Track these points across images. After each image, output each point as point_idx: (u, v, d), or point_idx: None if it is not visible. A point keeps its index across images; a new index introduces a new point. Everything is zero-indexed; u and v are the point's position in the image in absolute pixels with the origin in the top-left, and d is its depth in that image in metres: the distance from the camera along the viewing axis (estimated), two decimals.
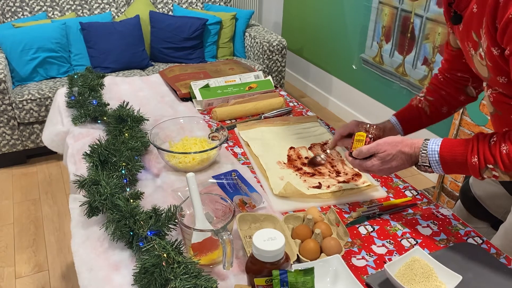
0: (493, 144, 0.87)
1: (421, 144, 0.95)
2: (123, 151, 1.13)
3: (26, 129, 2.69)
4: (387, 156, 0.97)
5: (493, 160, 0.86)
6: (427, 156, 0.94)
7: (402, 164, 0.98)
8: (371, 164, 0.99)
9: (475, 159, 0.88)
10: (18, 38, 2.73)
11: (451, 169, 0.93)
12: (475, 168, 0.89)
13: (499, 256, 0.94)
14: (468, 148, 0.90)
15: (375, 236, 0.99)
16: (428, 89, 1.20)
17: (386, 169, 0.99)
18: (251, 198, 1.06)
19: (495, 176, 0.88)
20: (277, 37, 3.16)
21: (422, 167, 0.96)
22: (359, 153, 1.01)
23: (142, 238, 0.87)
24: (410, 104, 1.22)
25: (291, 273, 0.73)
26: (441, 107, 1.18)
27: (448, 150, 0.92)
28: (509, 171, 0.86)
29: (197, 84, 1.59)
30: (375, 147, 0.99)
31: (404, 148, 0.96)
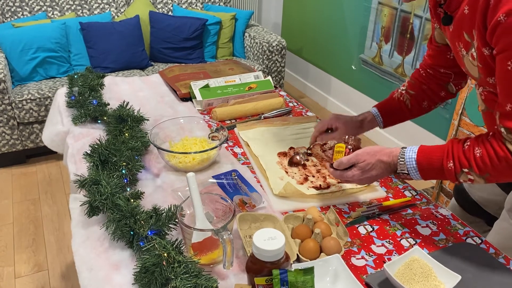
0: (467, 148, 0.89)
1: (399, 152, 0.97)
2: (124, 151, 1.13)
3: (25, 129, 2.69)
4: (367, 166, 1.00)
5: (468, 164, 0.88)
6: (405, 163, 0.96)
7: (382, 172, 1.00)
8: (351, 174, 1.01)
9: (450, 164, 0.90)
10: (17, 38, 2.73)
11: (429, 175, 0.95)
12: (451, 173, 0.91)
13: (497, 256, 0.94)
14: (443, 154, 0.92)
15: (374, 236, 0.99)
16: (410, 83, 1.22)
17: (366, 178, 1.01)
18: (251, 198, 1.06)
19: (470, 179, 0.90)
20: (276, 38, 3.16)
21: (401, 174, 0.99)
22: (340, 164, 1.03)
23: (143, 237, 0.88)
24: (391, 96, 1.24)
25: (291, 273, 0.74)
26: (422, 102, 1.20)
27: (424, 157, 0.94)
28: (483, 174, 0.88)
29: (197, 84, 1.59)
30: (354, 157, 1.01)
31: (382, 157, 0.99)
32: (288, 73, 4.11)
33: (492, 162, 0.86)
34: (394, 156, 0.98)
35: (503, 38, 0.78)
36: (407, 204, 1.10)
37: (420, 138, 2.76)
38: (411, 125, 2.82)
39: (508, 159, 0.85)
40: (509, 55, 0.79)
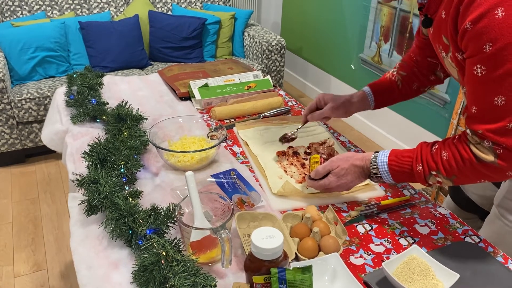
0: (434, 151, 0.92)
1: (371, 156, 1.00)
2: (122, 150, 1.13)
3: (25, 128, 2.69)
4: (341, 171, 1.02)
5: (436, 167, 0.91)
6: (378, 167, 0.99)
7: (357, 177, 1.03)
8: (328, 181, 1.04)
9: (419, 167, 0.93)
10: (17, 37, 2.72)
11: (400, 178, 0.98)
12: (421, 175, 0.93)
13: (496, 254, 0.95)
14: (413, 157, 0.95)
15: (373, 235, 0.99)
16: (401, 64, 1.25)
17: (343, 184, 1.03)
18: (250, 197, 1.06)
19: (438, 181, 0.93)
20: (276, 37, 3.16)
21: (374, 178, 1.01)
22: (316, 173, 1.06)
23: (141, 236, 0.88)
24: (384, 77, 1.27)
25: (289, 271, 0.74)
26: (412, 83, 1.23)
27: (395, 160, 0.97)
28: (450, 176, 0.90)
29: (196, 83, 1.59)
30: (329, 164, 1.04)
31: (355, 162, 1.02)
32: (287, 72, 4.11)
33: (457, 164, 0.88)
34: (367, 160, 1.01)
35: (470, 44, 0.81)
36: (406, 203, 1.10)
37: (419, 137, 2.76)
38: (410, 124, 2.83)
39: (472, 161, 0.87)
40: (475, 61, 0.82)
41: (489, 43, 0.78)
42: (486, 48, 0.78)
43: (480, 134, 0.85)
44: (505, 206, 1.09)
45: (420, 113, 2.74)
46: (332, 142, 1.29)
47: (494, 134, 0.83)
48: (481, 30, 0.78)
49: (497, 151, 0.84)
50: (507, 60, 0.77)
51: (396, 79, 1.24)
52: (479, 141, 0.86)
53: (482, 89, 0.83)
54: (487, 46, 0.78)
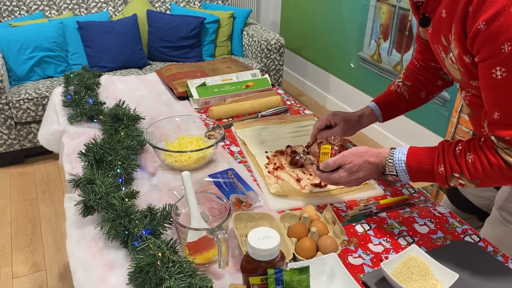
0: (458, 153, 0.88)
1: (387, 153, 0.95)
2: (119, 150, 1.12)
3: (23, 129, 2.68)
4: (354, 167, 0.97)
5: (459, 169, 0.87)
6: (394, 165, 0.94)
7: (369, 174, 0.98)
8: (338, 176, 0.99)
9: (441, 168, 0.89)
10: (15, 38, 2.72)
11: (418, 178, 0.93)
12: (442, 177, 0.89)
13: (496, 254, 0.94)
14: (434, 157, 0.90)
15: (371, 235, 0.98)
16: (406, 74, 1.21)
17: (353, 180, 0.99)
18: (248, 196, 1.05)
19: (461, 184, 0.89)
20: (275, 36, 3.15)
21: (389, 176, 0.96)
22: (326, 166, 1.00)
23: (137, 237, 0.87)
24: (389, 89, 1.22)
25: (286, 272, 0.73)
26: (420, 92, 1.18)
27: (414, 159, 0.92)
28: (474, 179, 0.86)
29: (194, 82, 1.58)
30: (341, 159, 0.98)
31: (370, 158, 0.97)
32: (286, 71, 4.10)
33: (484, 168, 0.85)
34: (382, 157, 0.96)
35: (485, 46, 0.77)
36: (405, 202, 1.09)
37: (419, 136, 2.76)
38: (410, 123, 2.82)
39: (501, 166, 0.83)
40: (492, 63, 0.77)
41: (507, 43, 0.73)
42: (504, 48, 0.74)
43: (508, 140, 0.81)
44: (506, 209, 1.08)
45: (420, 112, 2.73)
46: None
47: None
48: (497, 29, 0.73)
49: None
50: None
51: (401, 90, 1.20)
52: (507, 146, 0.82)
53: (504, 92, 0.78)
54: (506, 46, 0.74)
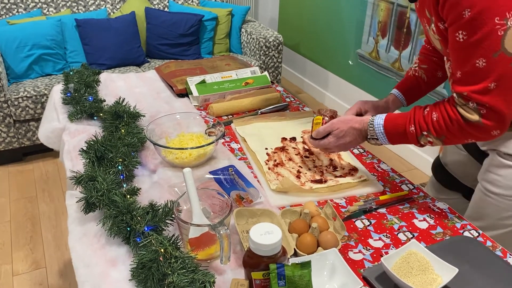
0: (426, 113, 0.99)
1: (369, 119, 1.07)
2: (120, 147, 1.13)
3: (22, 127, 2.68)
4: (341, 133, 1.09)
5: (426, 127, 0.98)
6: (374, 129, 1.05)
7: (355, 139, 1.09)
8: (328, 141, 1.11)
9: (412, 128, 1.00)
10: (13, 35, 2.71)
11: (395, 139, 1.05)
12: (413, 136, 1.00)
13: (494, 248, 0.95)
14: (406, 119, 1.01)
15: (371, 230, 0.99)
16: (420, 58, 1.29)
17: (341, 144, 1.10)
18: (248, 193, 1.06)
19: (430, 141, 1.00)
20: (273, 33, 3.15)
21: (371, 140, 1.08)
22: (317, 133, 1.13)
23: (139, 233, 0.87)
24: (407, 75, 1.31)
25: (288, 267, 0.74)
26: (436, 72, 1.26)
27: (390, 122, 1.04)
28: (440, 136, 0.97)
29: (193, 80, 1.59)
30: (330, 126, 1.11)
31: (354, 124, 1.09)
32: (285, 68, 4.11)
33: (446, 125, 0.95)
34: (365, 123, 1.07)
35: (451, 12, 0.87)
36: (404, 198, 1.10)
37: None
38: None
39: (459, 122, 0.93)
40: (456, 27, 0.88)
41: (467, 9, 0.84)
42: (465, 13, 0.85)
43: (465, 96, 0.91)
44: (486, 179, 1.11)
45: None
46: None
47: (477, 95, 0.90)
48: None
49: (481, 111, 0.90)
50: (485, 23, 0.84)
51: (419, 74, 1.27)
52: (465, 102, 0.92)
53: (464, 53, 0.89)
54: (466, 12, 0.84)
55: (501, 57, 0.85)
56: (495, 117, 0.90)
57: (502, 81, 0.87)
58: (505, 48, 0.85)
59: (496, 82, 0.87)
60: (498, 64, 0.86)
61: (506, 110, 0.90)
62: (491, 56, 0.86)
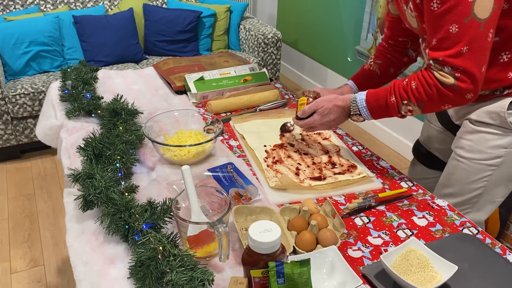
0: (405, 83, 1.05)
1: (351, 96, 1.14)
2: (118, 145, 1.12)
3: (19, 124, 2.67)
4: (325, 111, 1.15)
5: (406, 96, 1.04)
6: (357, 104, 1.11)
7: (339, 116, 1.15)
8: (313, 119, 1.17)
9: (393, 99, 1.06)
10: (10, 32, 2.70)
11: (377, 113, 1.11)
12: (394, 106, 1.07)
13: (494, 246, 0.94)
14: (387, 91, 1.08)
15: (371, 227, 0.99)
16: (376, 54, 1.38)
17: (326, 122, 1.16)
18: (247, 190, 1.05)
19: (410, 110, 1.06)
20: (272, 30, 3.14)
21: (354, 116, 1.14)
22: (303, 113, 1.18)
23: (138, 231, 0.87)
24: (363, 68, 1.40)
25: (287, 265, 0.73)
26: (389, 68, 1.36)
27: (372, 96, 1.10)
28: (419, 103, 1.03)
29: (192, 76, 1.58)
30: (314, 105, 1.17)
31: (338, 102, 1.15)
32: (283, 65, 4.10)
33: (425, 90, 1.02)
34: (348, 100, 1.13)
35: None
36: (404, 195, 1.10)
37: (415, 128, 2.76)
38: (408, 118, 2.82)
39: (437, 86, 1.00)
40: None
41: None
42: None
43: (441, 61, 0.98)
44: (458, 145, 1.19)
45: None
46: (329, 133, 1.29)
47: (452, 58, 0.96)
48: None
49: (456, 74, 0.97)
50: None
51: (374, 68, 1.37)
52: (440, 67, 0.99)
53: (438, 21, 0.95)
54: None
55: (471, 22, 0.92)
56: (469, 79, 0.97)
57: (473, 45, 0.94)
58: (475, 14, 0.91)
59: (468, 46, 0.94)
60: (469, 28, 0.93)
61: (478, 73, 0.97)
62: (463, 21, 0.92)
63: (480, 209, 1.20)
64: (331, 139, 1.33)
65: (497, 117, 1.09)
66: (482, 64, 0.97)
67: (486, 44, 0.95)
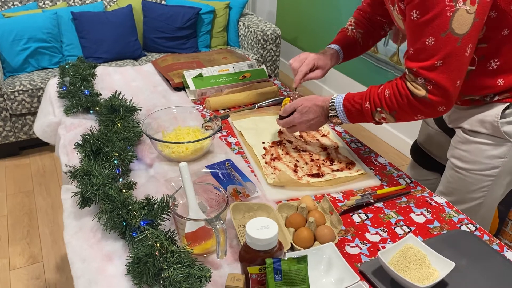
0: (380, 90, 1.05)
1: (331, 98, 1.13)
2: (116, 141, 1.12)
3: (18, 121, 2.67)
4: (304, 109, 1.15)
5: (380, 103, 1.04)
6: (335, 107, 1.12)
7: (317, 116, 1.15)
8: (292, 118, 1.17)
9: (367, 105, 1.06)
10: (8, 28, 2.69)
11: (353, 117, 1.11)
12: (368, 112, 1.07)
13: (491, 243, 0.95)
14: (363, 97, 1.08)
15: (368, 224, 0.99)
16: (356, 22, 1.36)
17: (305, 120, 1.16)
18: (245, 187, 1.05)
19: (383, 117, 1.06)
20: (271, 26, 3.14)
21: (332, 117, 1.14)
22: (284, 111, 1.19)
23: (135, 228, 0.87)
24: (346, 34, 1.36)
25: (284, 261, 0.73)
26: (369, 40, 1.36)
27: (349, 100, 1.10)
28: (391, 111, 1.03)
29: (190, 73, 1.58)
30: (295, 103, 1.18)
31: (317, 102, 1.15)
32: (283, 62, 4.09)
33: (397, 100, 1.01)
34: (327, 101, 1.14)
35: None
36: (402, 192, 1.10)
37: (412, 124, 2.76)
38: None
39: (408, 97, 0.99)
40: (411, 7, 0.93)
41: None
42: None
43: (415, 71, 0.97)
44: (454, 155, 1.18)
45: None
46: None
47: (425, 71, 0.95)
48: None
49: (428, 86, 0.96)
50: (436, 4, 0.89)
51: (357, 36, 1.35)
52: (414, 78, 0.98)
53: (417, 31, 0.95)
54: None
55: (448, 36, 0.91)
56: (440, 93, 0.96)
57: (448, 59, 0.93)
58: (453, 29, 0.90)
59: (442, 60, 0.93)
60: (445, 43, 0.91)
61: (451, 87, 0.95)
62: (439, 35, 0.91)
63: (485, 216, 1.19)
64: (330, 136, 1.33)
65: (491, 126, 1.08)
66: (456, 79, 0.95)
67: (463, 59, 0.93)
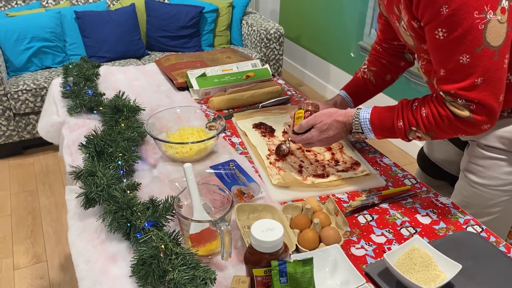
0: (414, 108, 0.98)
1: (354, 112, 1.05)
2: (120, 142, 1.12)
3: (22, 120, 2.67)
4: (324, 126, 1.07)
5: (416, 123, 0.97)
6: (360, 123, 1.04)
7: (338, 133, 1.07)
8: (310, 135, 1.08)
9: (400, 123, 0.99)
10: (12, 28, 2.69)
11: (381, 134, 1.04)
12: (401, 131, 1.00)
13: (498, 244, 0.94)
14: (394, 114, 1.00)
15: (374, 225, 0.98)
16: (370, 60, 1.29)
17: (324, 138, 1.08)
18: (249, 188, 1.05)
19: (418, 137, 0.99)
20: (274, 25, 3.13)
21: (356, 134, 1.06)
22: (300, 128, 1.09)
23: (140, 229, 0.87)
24: (356, 77, 1.31)
25: (290, 264, 0.73)
26: (385, 75, 1.27)
27: (377, 117, 1.02)
28: (429, 131, 0.97)
29: (194, 73, 1.57)
30: (313, 119, 1.08)
31: (338, 117, 1.06)
32: (286, 61, 4.08)
33: (436, 120, 0.95)
34: (350, 116, 1.06)
35: (427, 11, 0.86)
36: (407, 193, 1.09)
37: None
38: None
39: (449, 118, 0.93)
40: (434, 26, 0.87)
41: (445, 5, 0.83)
42: (443, 11, 0.83)
43: (453, 94, 0.90)
44: (469, 169, 1.13)
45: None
46: None
47: (465, 91, 0.89)
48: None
49: (470, 107, 0.90)
50: (464, 18, 0.82)
51: (368, 76, 1.28)
52: (453, 100, 0.91)
53: (446, 51, 0.88)
54: (444, 9, 0.83)
55: (484, 51, 0.85)
56: (485, 111, 0.90)
57: (487, 75, 0.87)
58: (487, 42, 0.84)
59: (482, 77, 0.87)
60: (482, 58, 0.85)
61: (495, 103, 0.90)
62: (474, 51, 0.85)
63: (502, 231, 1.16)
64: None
65: (509, 142, 1.04)
66: (499, 94, 0.89)
67: (502, 72, 0.88)
